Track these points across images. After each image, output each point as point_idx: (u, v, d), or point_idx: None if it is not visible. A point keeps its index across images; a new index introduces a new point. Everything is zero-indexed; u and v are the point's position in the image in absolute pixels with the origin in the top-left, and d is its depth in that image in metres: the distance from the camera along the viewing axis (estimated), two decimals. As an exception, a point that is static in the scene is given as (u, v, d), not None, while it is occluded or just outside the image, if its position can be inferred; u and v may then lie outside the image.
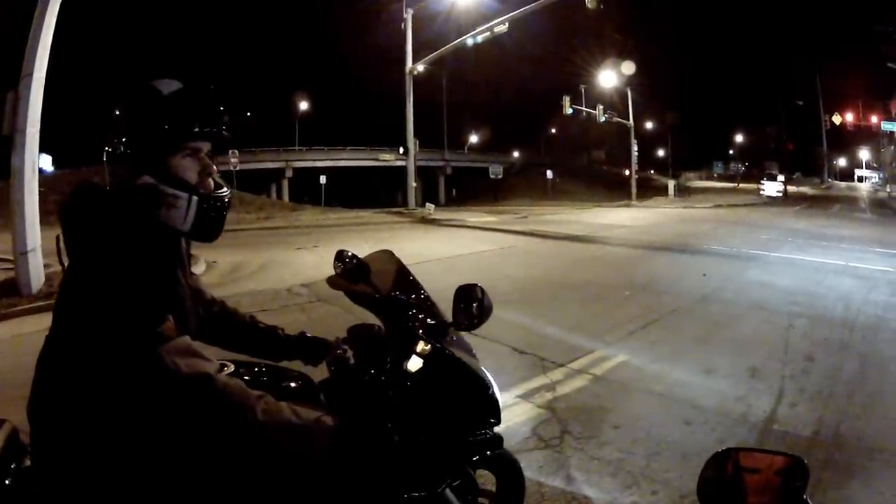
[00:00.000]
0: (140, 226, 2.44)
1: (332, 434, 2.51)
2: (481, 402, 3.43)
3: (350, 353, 3.38)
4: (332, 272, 3.44)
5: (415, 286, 3.64)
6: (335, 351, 3.40)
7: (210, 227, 2.69)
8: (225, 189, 2.82)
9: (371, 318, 3.61)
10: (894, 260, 22.83)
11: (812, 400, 8.48)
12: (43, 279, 14.51)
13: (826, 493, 6.08)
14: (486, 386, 3.46)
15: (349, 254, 3.35)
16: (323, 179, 59.83)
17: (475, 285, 3.43)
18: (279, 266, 18.51)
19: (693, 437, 7.13)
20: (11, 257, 15.04)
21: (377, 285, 3.36)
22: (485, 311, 3.38)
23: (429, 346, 3.26)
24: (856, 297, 15.48)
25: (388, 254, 3.77)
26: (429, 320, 3.41)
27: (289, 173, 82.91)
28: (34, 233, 14.45)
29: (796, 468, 2.04)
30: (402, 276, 3.64)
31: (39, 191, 14.79)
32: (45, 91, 14.71)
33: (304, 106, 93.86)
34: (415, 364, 3.22)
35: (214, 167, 2.75)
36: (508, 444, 6.36)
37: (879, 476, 6.40)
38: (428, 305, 3.55)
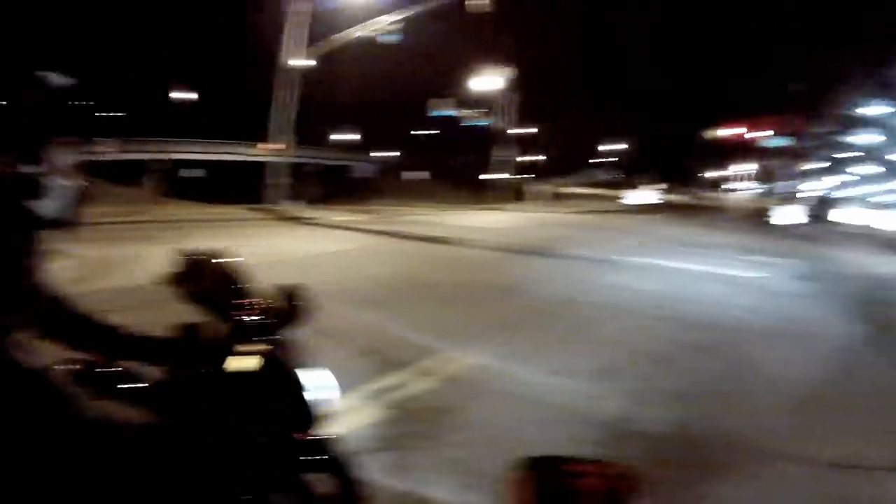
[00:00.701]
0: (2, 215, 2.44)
1: (156, 433, 2.52)
2: (309, 403, 3.30)
3: (182, 353, 3.20)
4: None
5: (245, 284, 3.47)
6: (172, 350, 3.22)
7: (74, 216, 2.72)
8: (86, 181, 2.70)
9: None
10: (762, 267, 23.69)
11: (670, 400, 8.55)
12: None
13: (691, 490, 6.16)
14: (310, 388, 3.34)
15: (189, 250, 3.31)
16: (197, 173, 59.19)
17: (298, 285, 3.42)
18: (147, 261, 18.05)
19: (543, 437, 7.08)
20: None
21: (210, 282, 3.31)
22: (304, 313, 3.38)
23: (256, 346, 3.18)
24: (720, 301, 15.92)
25: (222, 251, 3.62)
26: (257, 320, 3.30)
27: (163, 166, 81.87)
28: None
29: (625, 478, 2.04)
30: (232, 274, 3.46)
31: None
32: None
33: (187, 96, 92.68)
34: (243, 364, 3.12)
35: (82, 159, 2.65)
36: (352, 446, 6.29)
37: (745, 473, 6.54)
38: (257, 305, 3.40)
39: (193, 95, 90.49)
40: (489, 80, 66.35)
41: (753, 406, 8.64)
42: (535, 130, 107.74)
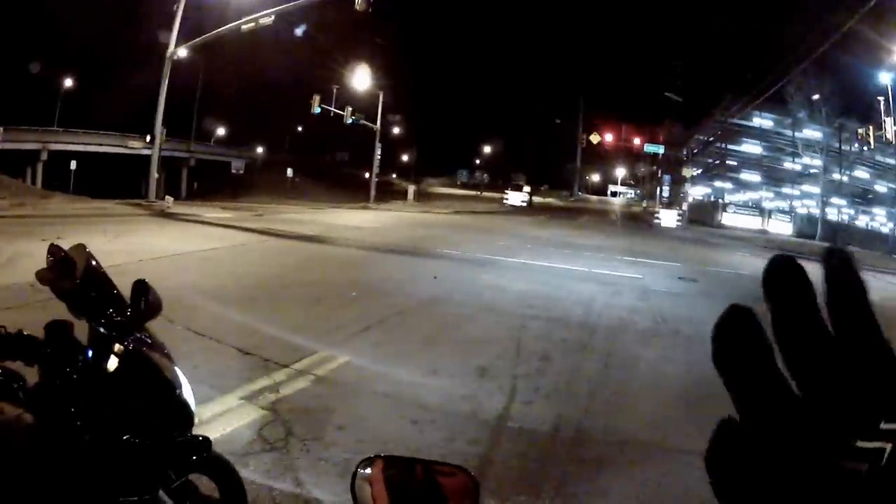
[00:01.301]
0: None
1: (29, 432, 2.46)
2: (171, 403, 3.30)
3: (50, 352, 3.14)
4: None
5: (107, 281, 3.46)
6: (41, 350, 3.15)
7: None
8: None
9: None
10: (641, 268, 24.22)
11: (549, 398, 8.64)
12: None
13: (576, 486, 6.24)
14: (174, 387, 3.33)
15: (59, 248, 3.34)
16: (73, 165, 58.05)
17: (143, 280, 3.39)
18: (25, 258, 17.55)
19: (421, 436, 7.09)
20: None
21: (77, 280, 3.27)
22: (152, 308, 3.36)
23: (122, 345, 3.17)
24: (598, 301, 16.16)
25: (82, 248, 3.56)
26: (119, 318, 3.27)
27: (44, 156, 79.89)
28: None
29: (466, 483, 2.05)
30: (95, 271, 3.44)
31: None
32: None
33: (68, 83, 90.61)
34: (111, 364, 3.11)
35: None
36: (233, 448, 6.24)
37: (634, 467, 6.70)
38: (120, 302, 3.38)
39: (70, 82, 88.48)
40: (363, 78, 66.25)
41: (633, 402, 8.86)
42: (405, 130, 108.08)
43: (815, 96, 78.50)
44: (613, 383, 9.60)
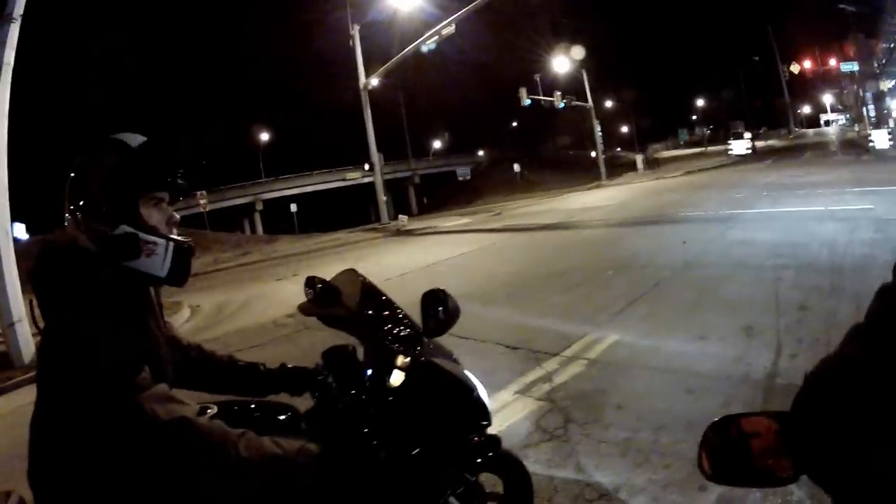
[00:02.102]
0: (113, 277, 2.52)
1: (316, 461, 2.47)
2: (468, 405, 3.38)
3: (330, 378, 3.34)
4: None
5: (384, 300, 3.63)
6: (316, 377, 3.38)
7: (182, 271, 2.75)
8: (184, 237, 2.86)
9: (348, 339, 3.53)
10: (873, 196, 22.90)
11: (812, 348, 8.35)
12: (34, 348, 14.31)
13: None
14: (469, 389, 3.41)
15: (318, 279, 3.45)
16: (294, 207, 59.93)
17: (438, 290, 3.48)
18: (261, 300, 18.42)
19: (697, 405, 7.02)
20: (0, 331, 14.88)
21: (348, 305, 3.42)
22: (451, 315, 3.44)
23: (407, 358, 3.27)
24: (840, 239, 15.47)
25: (353, 272, 3.75)
26: (402, 332, 3.42)
27: (259, 206, 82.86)
28: (17, 303, 14.23)
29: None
30: (370, 292, 3.63)
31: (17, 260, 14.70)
32: (8, 159, 14.65)
33: (265, 136, 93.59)
34: (396, 378, 3.21)
35: (177, 215, 2.84)
36: (512, 442, 6.34)
37: None
38: (399, 317, 3.55)
39: (266, 136, 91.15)
40: (565, 61, 65.71)
41: None
42: (615, 104, 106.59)
43: None
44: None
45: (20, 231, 43.52)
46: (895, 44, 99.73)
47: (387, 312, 3.54)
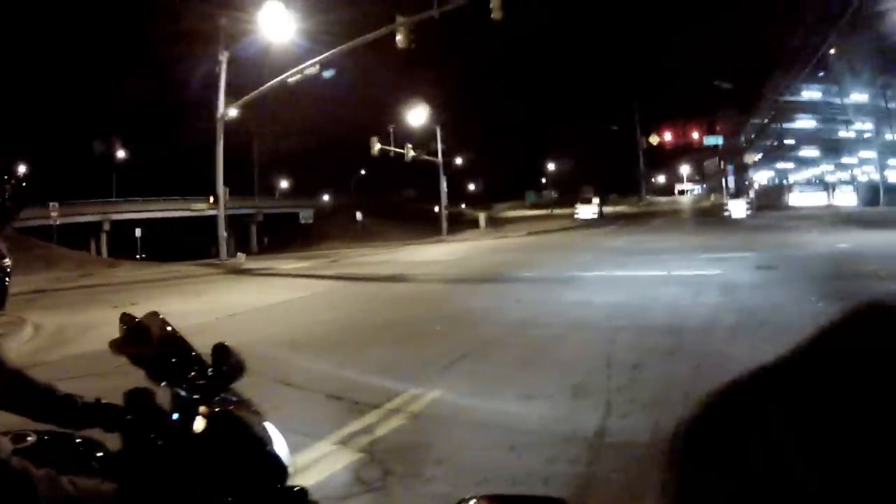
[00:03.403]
0: None
1: (111, 502, 2.43)
2: (267, 458, 3.25)
3: (134, 419, 3.21)
4: None
5: (186, 345, 3.49)
6: (125, 417, 3.23)
7: (1, 296, 2.83)
8: (7, 259, 2.93)
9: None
10: (720, 263, 24.04)
11: (644, 408, 8.50)
12: None
13: (679, 494, 5.97)
14: (266, 442, 3.30)
15: (130, 316, 3.41)
16: (138, 232, 59.59)
17: (223, 344, 3.36)
18: (101, 326, 17.82)
19: (520, 462, 6.97)
20: None
21: (153, 347, 3.33)
22: (234, 369, 3.33)
23: (207, 405, 3.17)
24: (682, 302, 16.03)
25: (157, 316, 3.60)
26: (201, 379, 3.29)
27: (107, 227, 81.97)
28: None
29: None
30: (173, 337, 3.50)
31: None
32: None
33: (121, 154, 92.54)
34: (198, 425, 3.09)
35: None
36: (331, 492, 6.27)
37: None
38: (201, 364, 3.40)
39: (122, 153, 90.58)
40: (420, 114, 66.67)
41: None
42: (469, 159, 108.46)
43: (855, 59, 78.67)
44: (707, 385, 9.38)
45: None
46: (768, 119, 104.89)
47: (188, 358, 3.41)
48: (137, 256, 57.84)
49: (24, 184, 2.71)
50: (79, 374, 11.51)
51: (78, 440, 3.17)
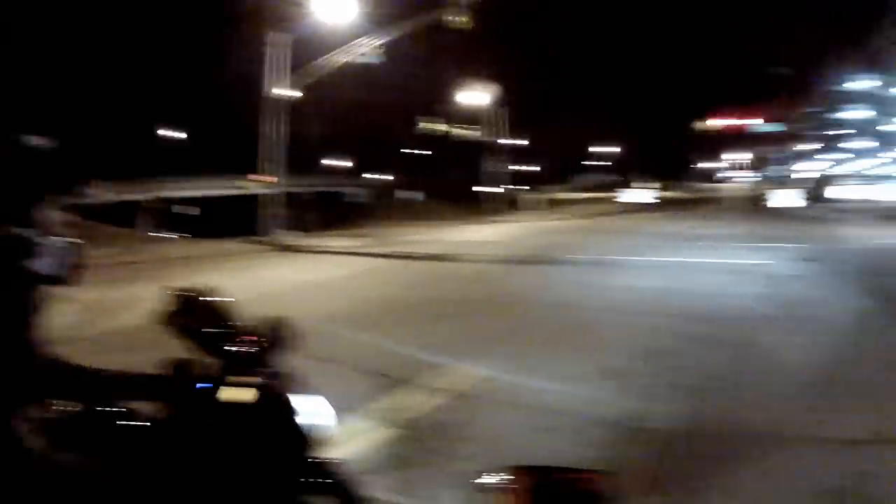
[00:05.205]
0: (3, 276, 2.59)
1: (162, 469, 2.58)
2: (306, 428, 3.29)
3: (177, 388, 3.21)
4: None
5: (232, 317, 3.48)
6: (168, 387, 3.23)
7: (74, 272, 2.86)
8: (77, 238, 2.88)
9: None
10: (766, 253, 23.88)
11: (678, 394, 8.58)
12: None
13: (706, 482, 6.21)
14: (312, 413, 3.33)
15: (177, 287, 3.37)
16: (192, 210, 59.30)
17: (282, 318, 3.36)
18: (145, 301, 18.14)
19: (554, 444, 7.08)
20: None
21: (201, 319, 3.34)
22: (286, 340, 3.35)
23: (250, 376, 3.19)
24: (725, 291, 16.02)
25: (208, 288, 3.69)
26: (248, 351, 3.32)
27: (159, 205, 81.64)
28: None
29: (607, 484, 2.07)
30: (223, 310, 3.51)
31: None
32: None
33: (173, 134, 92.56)
34: (238, 395, 3.13)
35: (70, 216, 2.78)
36: (369, 467, 6.37)
37: (767, 459, 6.62)
38: (248, 337, 3.40)
39: (181, 134, 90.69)
40: (476, 95, 66.24)
41: (763, 393, 8.73)
42: (525, 141, 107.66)
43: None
44: (741, 375, 9.51)
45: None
46: (818, 109, 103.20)
47: (234, 331, 3.40)
48: (189, 234, 57.69)
49: (75, 160, 2.89)
50: (117, 348, 11.74)
51: (123, 410, 3.14)
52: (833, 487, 6.02)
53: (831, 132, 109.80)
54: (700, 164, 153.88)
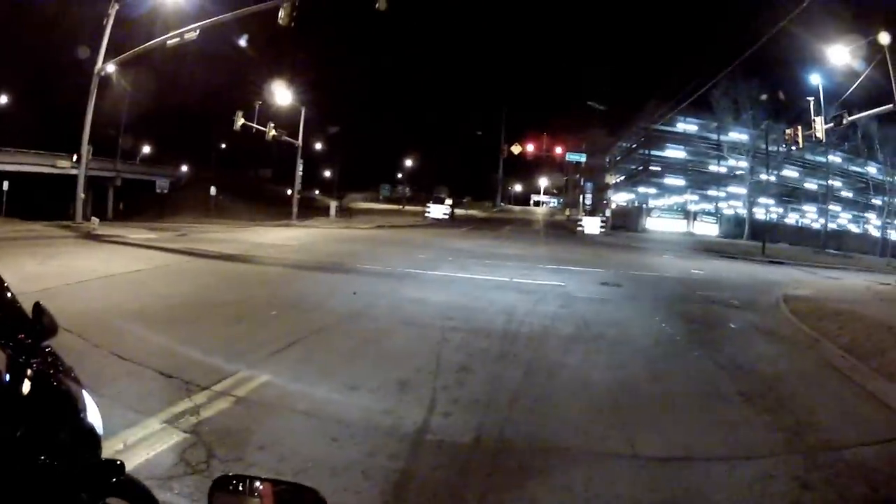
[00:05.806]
0: None
1: None
2: (82, 426, 3.23)
3: None
4: None
5: (15, 305, 3.31)
6: None
7: None
8: None
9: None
10: (564, 275, 24.61)
11: (469, 408, 8.66)
12: None
13: (500, 495, 6.25)
14: (81, 410, 3.26)
15: None
16: (6, 186, 57.14)
17: (38, 303, 3.27)
18: None
19: (340, 453, 7.05)
20: None
21: None
22: (47, 329, 3.21)
23: (32, 367, 3.08)
24: (520, 309, 16.25)
25: None
26: (29, 340, 3.16)
27: None
28: None
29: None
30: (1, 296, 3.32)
31: None
32: None
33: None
34: (23, 386, 2.99)
35: None
36: (156, 471, 6.25)
37: (562, 474, 6.73)
38: (26, 323, 3.25)
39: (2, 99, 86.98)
40: (285, 94, 65.88)
41: (559, 410, 8.90)
42: (326, 146, 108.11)
43: (742, 100, 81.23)
44: (535, 390, 9.63)
45: None
46: (636, 144, 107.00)
47: (16, 317, 3.26)
48: (3, 212, 55.66)
49: None
50: None
51: None
52: (621, 500, 6.21)
53: (642, 167, 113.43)
54: (512, 187, 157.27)
